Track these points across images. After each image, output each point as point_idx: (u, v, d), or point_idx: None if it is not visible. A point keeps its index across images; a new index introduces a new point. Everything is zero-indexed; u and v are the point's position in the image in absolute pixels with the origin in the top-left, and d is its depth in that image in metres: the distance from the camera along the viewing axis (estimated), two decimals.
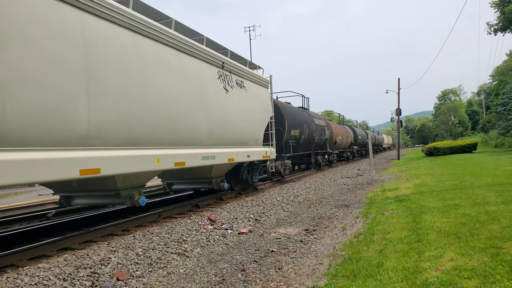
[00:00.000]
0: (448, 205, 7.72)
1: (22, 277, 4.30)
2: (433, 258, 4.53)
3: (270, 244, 6.24)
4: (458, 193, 9.14)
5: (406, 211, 7.63)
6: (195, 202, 9.40)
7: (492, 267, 3.99)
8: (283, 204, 10.10)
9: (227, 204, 9.62)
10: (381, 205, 8.88)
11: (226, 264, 5.27)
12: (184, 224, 7.20)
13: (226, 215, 8.29)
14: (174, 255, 5.65)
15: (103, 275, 4.62)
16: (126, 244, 5.73)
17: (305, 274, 4.70)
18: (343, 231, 6.79)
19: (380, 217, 7.38)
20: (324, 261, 5.15)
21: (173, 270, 5.12)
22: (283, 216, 8.76)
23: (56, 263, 4.76)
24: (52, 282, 4.26)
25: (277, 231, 7.17)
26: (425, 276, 3.98)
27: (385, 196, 10.11)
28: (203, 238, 6.55)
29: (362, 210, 8.64)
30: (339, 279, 4.29)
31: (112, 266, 4.88)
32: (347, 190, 12.74)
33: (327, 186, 14.26)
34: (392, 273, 4.19)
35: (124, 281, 4.58)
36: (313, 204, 10.25)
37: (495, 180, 10.77)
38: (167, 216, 8.17)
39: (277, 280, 4.52)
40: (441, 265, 4.25)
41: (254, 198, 10.66)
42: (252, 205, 9.52)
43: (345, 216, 8.21)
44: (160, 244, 5.93)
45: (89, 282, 4.39)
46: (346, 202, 10.17)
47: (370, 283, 4.00)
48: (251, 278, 4.63)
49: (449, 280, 3.79)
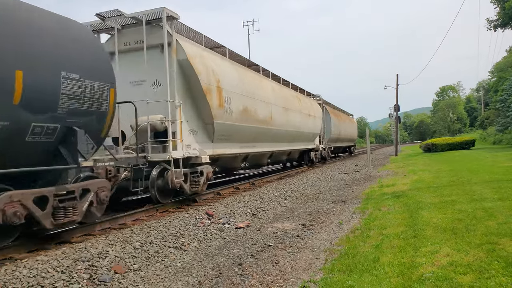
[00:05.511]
0: (445, 201, 7.76)
1: (21, 269, 4.31)
2: (429, 253, 4.57)
3: (267, 238, 6.27)
4: (455, 189, 9.19)
5: (403, 207, 7.67)
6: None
7: (488, 263, 4.03)
8: (280, 199, 10.13)
9: (225, 199, 9.64)
10: (378, 200, 8.92)
11: (223, 258, 5.29)
12: (181, 218, 7.22)
13: (223, 209, 8.31)
14: (172, 249, 5.67)
15: (100, 268, 4.63)
16: (124, 238, 5.74)
17: (301, 268, 4.73)
18: (340, 226, 6.82)
19: (377, 213, 7.41)
20: (320, 255, 5.18)
21: (171, 263, 5.14)
22: (280, 211, 8.79)
23: (54, 256, 4.78)
24: (50, 275, 4.27)
25: (274, 226, 7.20)
26: (420, 271, 4.02)
27: (382, 192, 10.15)
28: (201, 232, 6.57)
29: (359, 205, 8.68)
30: (335, 273, 4.32)
31: (110, 259, 4.90)
32: (344, 186, 12.78)
33: (324, 181, 14.30)
34: (388, 268, 4.22)
35: (121, 274, 4.60)
36: (310, 199, 10.29)
37: (493, 177, 10.83)
38: (164, 210, 8.19)
39: (273, 274, 4.55)
40: (437, 261, 4.29)
41: (252, 193, 10.69)
42: (249, 200, 9.55)
43: (342, 211, 8.24)
44: (157, 238, 5.95)
45: (87, 275, 4.41)
46: (343, 197, 10.20)
47: (366, 277, 4.03)
48: (248, 272, 4.66)
49: (445, 275, 3.82)
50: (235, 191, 11.32)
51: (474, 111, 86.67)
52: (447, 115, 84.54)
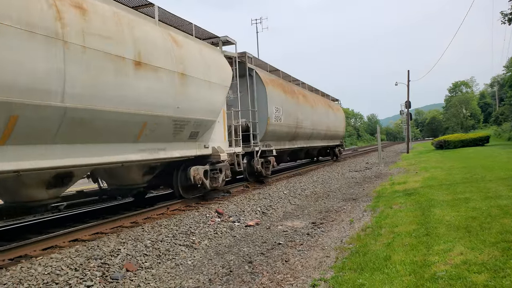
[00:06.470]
0: (458, 198, 7.63)
1: (36, 266, 4.40)
2: (442, 252, 4.50)
3: (277, 236, 6.26)
4: (468, 186, 9.03)
5: (415, 205, 7.57)
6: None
7: (503, 262, 3.95)
8: (290, 198, 10.11)
9: (235, 197, 9.66)
10: (389, 198, 8.83)
11: (233, 256, 5.31)
12: (192, 217, 7.26)
13: (233, 208, 8.33)
14: (182, 247, 5.71)
15: (113, 266, 4.69)
16: (135, 236, 5.81)
17: (312, 266, 4.71)
18: (351, 224, 6.77)
19: (388, 211, 7.33)
20: (331, 254, 5.15)
21: (181, 261, 5.17)
22: (290, 209, 8.77)
23: (68, 254, 4.86)
24: (64, 272, 4.34)
25: (284, 224, 7.19)
26: (433, 270, 3.96)
27: (394, 190, 10.04)
28: (211, 230, 6.60)
29: (370, 203, 8.60)
30: (346, 271, 4.29)
31: (122, 257, 4.96)
32: (355, 184, 12.69)
33: (335, 179, 14.21)
34: (400, 267, 4.17)
35: (133, 272, 4.65)
36: (320, 197, 10.24)
37: (508, 174, 10.60)
38: (175, 209, 8.25)
39: (284, 272, 4.54)
40: (450, 259, 4.22)
41: (261, 191, 10.69)
42: (259, 198, 9.55)
43: (352, 209, 8.18)
44: (168, 236, 5.99)
45: (99, 273, 4.47)
46: (354, 195, 10.13)
47: (377, 276, 3.99)
48: (258, 270, 4.66)
49: (458, 274, 3.76)
50: (245, 189, 11.34)
51: (488, 106, 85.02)
52: (460, 111, 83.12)
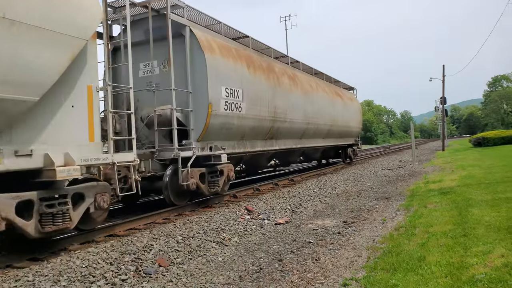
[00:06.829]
0: (498, 198, 7.26)
1: (74, 260, 4.61)
2: (481, 253, 4.30)
3: (307, 235, 6.22)
4: (510, 186, 8.56)
5: (451, 204, 7.28)
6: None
7: None
8: (320, 196, 10.00)
9: (264, 195, 9.68)
10: (423, 197, 8.53)
11: (263, 254, 5.32)
12: (222, 214, 7.35)
13: (263, 205, 8.35)
14: (213, 243, 5.80)
15: (146, 261, 4.84)
16: (167, 232, 5.95)
17: (343, 266, 4.64)
18: (383, 223, 6.61)
19: (423, 210, 7.09)
20: (362, 253, 5.05)
21: (212, 258, 5.25)
22: (320, 208, 8.68)
23: (103, 248, 5.06)
24: (100, 266, 4.53)
25: (314, 223, 7.13)
26: (471, 272, 3.79)
27: (428, 188, 9.70)
28: (241, 227, 6.66)
29: (403, 202, 8.36)
30: (378, 271, 4.19)
31: (154, 252, 5.10)
32: (388, 182, 12.36)
33: (367, 178, 13.91)
34: (435, 268, 4.03)
35: (165, 267, 4.78)
36: (351, 196, 10.06)
37: None
38: (206, 206, 8.38)
39: (314, 271, 4.51)
40: (490, 261, 4.03)
41: (291, 189, 10.64)
42: (288, 196, 9.52)
43: (385, 208, 7.98)
44: (199, 232, 6.10)
45: (133, 267, 4.63)
46: (387, 194, 9.87)
47: (411, 277, 3.88)
48: (288, 268, 4.65)
49: (499, 277, 3.58)
50: (274, 187, 11.33)
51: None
52: (501, 107, 78.87)
